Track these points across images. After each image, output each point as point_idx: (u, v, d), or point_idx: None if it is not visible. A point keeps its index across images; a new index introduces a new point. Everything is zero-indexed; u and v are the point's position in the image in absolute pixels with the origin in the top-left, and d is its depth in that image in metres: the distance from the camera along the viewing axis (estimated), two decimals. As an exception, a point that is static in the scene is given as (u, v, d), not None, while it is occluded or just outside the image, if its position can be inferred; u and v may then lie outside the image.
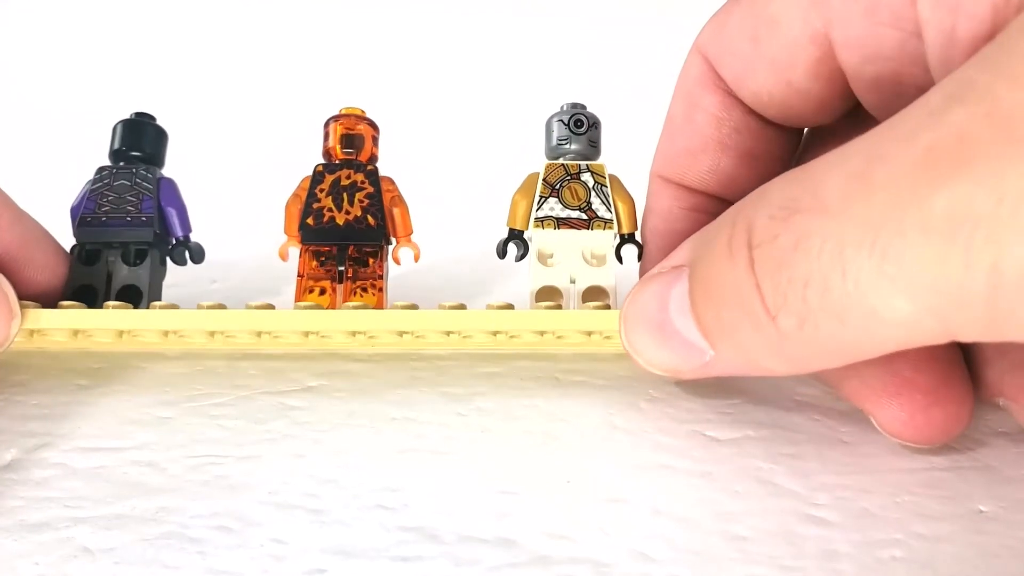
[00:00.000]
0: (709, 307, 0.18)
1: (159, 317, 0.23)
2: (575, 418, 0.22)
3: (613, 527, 0.18)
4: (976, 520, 0.18)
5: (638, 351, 0.20)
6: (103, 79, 0.47)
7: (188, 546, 0.17)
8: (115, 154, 0.26)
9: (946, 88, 0.14)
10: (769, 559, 0.17)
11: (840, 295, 0.15)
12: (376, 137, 0.27)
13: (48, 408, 0.22)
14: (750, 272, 0.16)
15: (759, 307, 0.16)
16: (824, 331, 0.15)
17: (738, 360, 0.18)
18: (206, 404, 0.23)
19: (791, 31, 0.20)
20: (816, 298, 0.15)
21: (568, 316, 0.23)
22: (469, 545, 0.17)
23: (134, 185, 0.26)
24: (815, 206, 0.15)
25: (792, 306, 0.15)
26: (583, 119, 0.26)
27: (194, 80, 0.48)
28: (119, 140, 0.26)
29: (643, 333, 0.20)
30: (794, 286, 0.15)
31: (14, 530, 0.18)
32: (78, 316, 0.23)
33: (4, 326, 0.22)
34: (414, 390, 0.23)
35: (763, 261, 0.16)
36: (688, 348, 0.19)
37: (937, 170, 0.13)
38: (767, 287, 0.16)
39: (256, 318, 0.23)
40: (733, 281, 0.17)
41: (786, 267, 0.15)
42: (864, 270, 0.14)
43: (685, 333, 0.18)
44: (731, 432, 0.21)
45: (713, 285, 0.17)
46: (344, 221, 0.25)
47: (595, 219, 0.25)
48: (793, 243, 0.15)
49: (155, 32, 0.50)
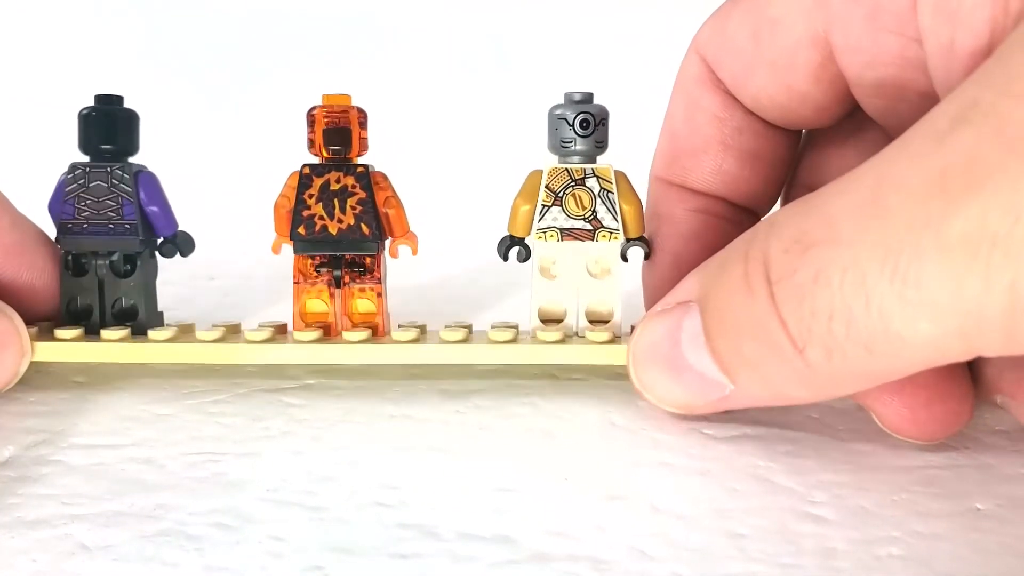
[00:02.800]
0: (728, 341, 0.18)
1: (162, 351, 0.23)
2: (573, 416, 0.22)
3: (611, 524, 0.18)
4: (973, 518, 0.18)
5: (649, 388, 0.20)
6: (94, 77, 0.47)
7: (186, 543, 0.17)
8: (85, 148, 0.25)
9: (950, 108, 0.14)
10: (767, 557, 0.17)
11: (865, 324, 0.15)
12: (364, 121, 0.25)
13: (46, 405, 0.22)
14: (772, 306, 0.16)
15: (785, 341, 0.16)
16: (852, 360, 0.15)
17: (762, 392, 0.18)
18: (204, 401, 0.23)
19: (792, 33, 0.20)
20: (842, 329, 0.15)
21: (574, 351, 0.22)
22: (467, 542, 0.17)
23: (111, 187, 0.24)
24: (830, 237, 0.15)
25: (818, 338, 0.16)
26: (589, 119, 0.24)
27: (190, 76, 0.48)
28: (87, 134, 0.25)
29: (654, 369, 0.20)
30: (818, 319, 0.15)
31: (12, 527, 0.17)
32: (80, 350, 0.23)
33: (15, 364, 0.22)
34: (412, 388, 0.23)
35: (784, 296, 0.16)
36: (703, 382, 0.19)
37: (951, 193, 0.14)
38: (791, 321, 0.16)
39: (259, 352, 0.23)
40: (754, 316, 0.17)
41: (808, 300, 0.15)
42: (887, 296, 0.14)
43: (699, 368, 0.19)
44: (729, 430, 0.21)
45: (731, 320, 0.17)
46: (337, 231, 0.24)
47: (600, 228, 0.24)
48: (812, 277, 0.15)
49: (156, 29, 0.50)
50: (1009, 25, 0.16)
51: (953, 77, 0.17)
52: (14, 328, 0.22)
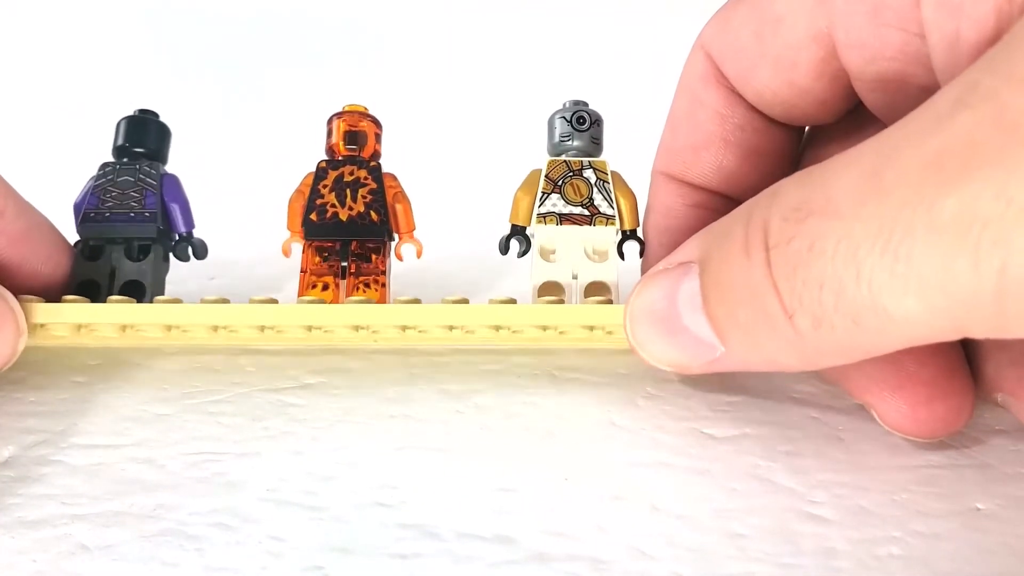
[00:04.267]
0: (723, 304, 0.18)
1: (162, 312, 0.23)
2: (573, 415, 0.22)
3: (611, 524, 0.18)
4: (974, 518, 0.18)
5: (644, 346, 0.20)
6: (107, 76, 0.47)
7: (186, 543, 0.17)
8: (118, 150, 0.27)
9: (953, 92, 0.14)
10: (767, 556, 0.17)
11: (854, 296, 0.15)
12: (379, 135, 0.27)
13: (46, 405, 0.22)
14: (767, 272, 0.16)
15: (777, 307, 0.16)
16: (839, 331, 0.15)
17: (751, 357, 0.18)
18: (204, 401, 0.23)
19: (795, 30, 0.20)
20: (831, 299, 0.15)
21: (571, 311, 0.23)
22: (468, 542, 0.17)
23: (137, 181, 0.26)
24: (828, 209, 0.15)
25: (808, 307, 0.16)
26: (585, 116, 0.26)
27: (197, 77, 0.48)
28: (122, 136, 0.27)
29: (650, 328, 0.20)
30: (809, 288, 0.15)
31: (12, 527, 0.18)
32: (81, 310, 0.23)
33: (11, 343, 0.22)
34: (412, 387, 0.23)
35: (779, 262, 0.16)
36: (697, 344, 0.19)
37: (946, 173, 0.14)
38: (784, 288, 0.16)
39: (259, 312, 0.23)
40: (750, 281, 0.17)
41: (802, 269, 0.16)
42: (877, 271, 0.14)
43: (694, 329, 0.19)
44: (729, 429, 0.21)
45: (728, 283, 0.18)
46: (347, 217, 0.26)
47: (597, 215, 0.25)
48: (808, 245, 0.15)
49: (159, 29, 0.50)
50: (1015, 15, 0.16)
51: (957, 70, 0.17)
52: (8, 307, 0.22)
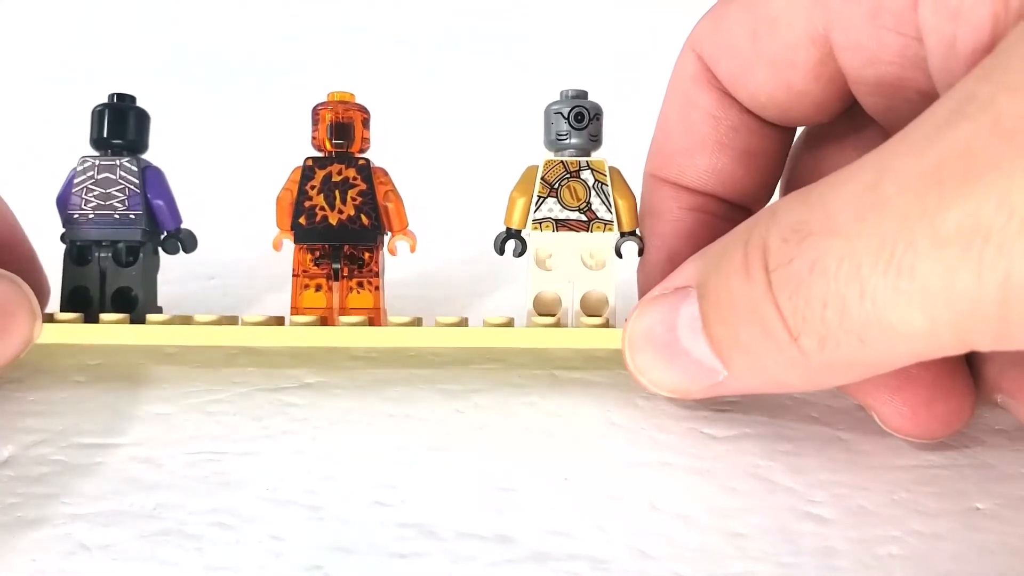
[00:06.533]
0: (725, 327, 0.18)
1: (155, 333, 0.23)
2: (572, 415, 0.22)
3: (611, 524, 0.18)
4: (973, 517, 0.18)
5: (644, 373, 0.20)
6: (90, 68, 0.47)
7: (186, 542, 0.17)
8: (96, 143, 0.25)
9: (950, 102, 0.14)
10: (766, 556, 0.17)
11: (858, 313, 0.15)
12: (367, 120, 0.26)
13: (45, 404, 0.22)
14: (768, 293, 0.16)
15: (780, 328, 0.16)
16: (845, 349, 0.15)
17: (755, 379, 0.18)
18: (204, 401, 0.23)
19: (792, 31, 0.20)
20: (836, 318, 0.15)
21: (567, 335, 0.23)
22: (467, 542, 0.17)
23: (119, 179, 0.25)
24: (827, 226, 0.15)
25: (812, 327, 0.16)
26: (584, 112, 0.25)
27: (188, 71, 0.48)
28: (99, 128, 0.25)
29: (649, 354, 0.20)
30: (812, 307, 0.15)
31: (12, 526, 0.18)
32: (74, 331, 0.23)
33: (27, 327, 0.22)
34: (412, 387, 0.23)
35: (781, 284, 0.16)
36: (698, 368, 0.19)
37: (946, 185, 0.14)
38: (787, 308, 0.16)
39: (255, 334, 0.23)
40: (751, 303, 0.17)
41: (804, 289, 0.16)
42: (880, 287, 0.14)
43: (695, 353, 0.19)
44: (728, 429, 0.21)
45: (729, 306, 0.17)
46: (337, 221, 0.25)
47: (595, 220, 0.24)
48: (809, 266, 0.15)
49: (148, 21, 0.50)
50: (1011, 21, 0.16)
51: (954, 74, 0.17)
52: (22, 293, 0.22)
